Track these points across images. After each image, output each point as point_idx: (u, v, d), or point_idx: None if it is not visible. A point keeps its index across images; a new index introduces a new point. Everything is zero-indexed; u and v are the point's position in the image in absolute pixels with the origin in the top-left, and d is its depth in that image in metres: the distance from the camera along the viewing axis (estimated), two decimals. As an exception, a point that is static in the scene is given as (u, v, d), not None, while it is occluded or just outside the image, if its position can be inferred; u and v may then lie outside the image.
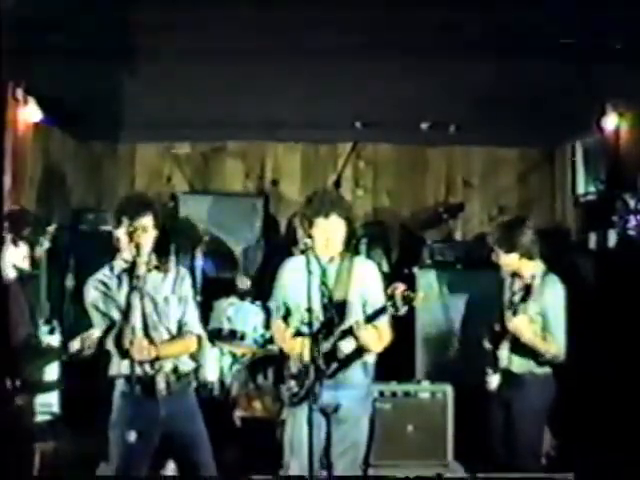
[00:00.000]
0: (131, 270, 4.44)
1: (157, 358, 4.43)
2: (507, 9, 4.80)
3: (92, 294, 4.58)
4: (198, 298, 6.23)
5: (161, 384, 4.48)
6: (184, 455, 4.58)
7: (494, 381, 5.10)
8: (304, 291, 4.46)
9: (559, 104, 6.48)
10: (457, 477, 5.99)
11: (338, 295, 4.60)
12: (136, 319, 4.39)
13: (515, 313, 4.91)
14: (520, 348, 5.00)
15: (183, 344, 4.63)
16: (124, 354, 4.36)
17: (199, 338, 4.69)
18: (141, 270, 4.42)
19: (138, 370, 4.40)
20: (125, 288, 4.46)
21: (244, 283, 7.14)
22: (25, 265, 4.53)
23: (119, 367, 4.48)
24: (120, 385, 4.52)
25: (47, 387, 4.47)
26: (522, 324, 4.90)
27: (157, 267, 4.61)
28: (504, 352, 5.04)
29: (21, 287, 4.40)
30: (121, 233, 4.52)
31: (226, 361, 6.79)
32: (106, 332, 4.47)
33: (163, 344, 4.51)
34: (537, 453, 5.19)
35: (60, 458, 5.67)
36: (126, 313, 4.37)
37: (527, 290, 4.91)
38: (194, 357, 4.77)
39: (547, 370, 5.06)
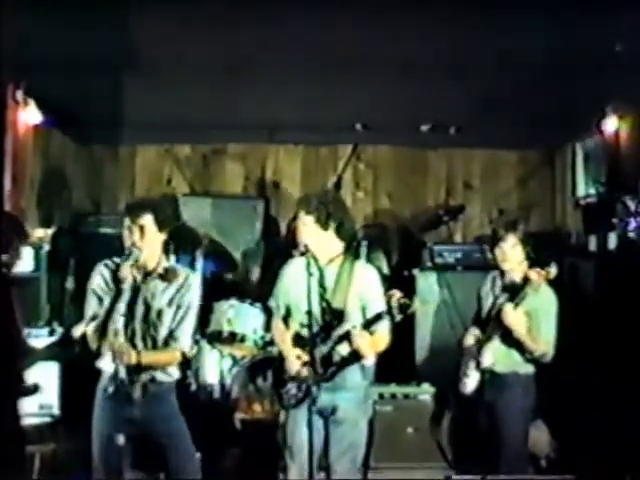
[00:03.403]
0: (115, 272, 4.41)
1: (138, 365, 4.38)
2: (507, 12, 4.79)
3: (95, 279, 4.56)
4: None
5: (137, 391, 4.44)
6: (163, 457, 4.54)
7: (470, 384, 5.11)
8: (304, 293, 4.47)
9: (559, 106, 6.48)
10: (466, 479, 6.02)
11: (337, 298, 4.60)
12: (118, 321, 4.34)
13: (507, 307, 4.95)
14: (506, 346, 5.02)
15: (166, 357, 4.56)
16: (100, 346, 4.34)
17: (183, 354, 4.61)
18: (124, 273, 4.36)
19: (120, 371, 4.37)
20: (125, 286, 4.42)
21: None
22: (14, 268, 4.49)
23: (103, 362, 4.47)
24: (102, 380, 4.52)
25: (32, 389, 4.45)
26: (516, 316, 4.92)
27: (161, 275, 4.56)
28: (489, 352, 5.04)
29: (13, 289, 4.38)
30: (124, 233, 4.51)
31: (226, 363, 6.79)
32: (91, 319, 4.41)
33: (146, 353, 4.45)
34: (523, 453, 5.19)
35: (60, 460, 5.68)
36: (109, 311, 4.33)
37: (515, 290, 4.96)
38: (182, 367, 4.72)
39: (530, 370, 5.07)
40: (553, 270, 5.02)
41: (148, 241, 4.49)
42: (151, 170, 8.30)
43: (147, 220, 4.48)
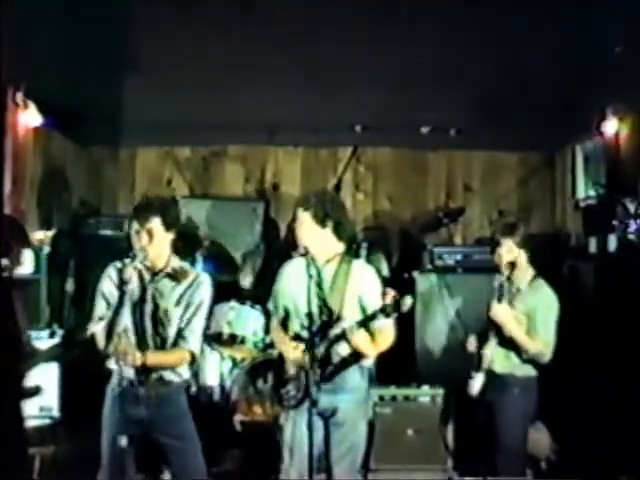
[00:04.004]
0: (120, 273, 4.42)
1: (144, 366, 4.38)
2: (507, 13, 4.80)
3: (104, 282, 4.57)
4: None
5: (147, 391, 4.45)
6: (172, 457, 4.55)
7: (476, 385, 5.11)
8: (302, 294, 4.46)
9: (559, 108, 6.48)
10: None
11: (334, 298, 4.59)
12: (126, 321, 4.37)
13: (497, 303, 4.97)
14: (504, 347, 5.02)
15: (174, 357, 4.55)
16: (107, 347, 4.33)
17: (193, 355, 4.59)
18: (128, 275, 4.36)
19: (126, 372, 4.40)
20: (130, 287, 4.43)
21: (247, 280, 7.16)
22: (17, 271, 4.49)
23: (112, 362, 4.47)
24: (112, 380, 4.52)
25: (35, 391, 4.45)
26: (504, 311, 4.93)
27: (170, 275, 4.56)
28: (488, 352, 5.05)
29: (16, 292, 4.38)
30: (132, 236, 4.52)
31: (226, 365, 6.80)
32: (99, 320, 4.40)
33: (152, 353, 4.45)
34: (521, 455, 5.19)
35: (60, 462, 5.68)
36: (115, 312, 4.34)
37: (514, 293, 4.97)
38: (190, 368, 4.71)
39: (530, 373, 5.07)
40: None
41: (157, 243, 4.49)
42: (151, 172, 8.31)
43: (155, 223, 4.47)
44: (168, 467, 4.68)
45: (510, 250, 5.12)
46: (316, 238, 4.62)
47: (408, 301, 4.40)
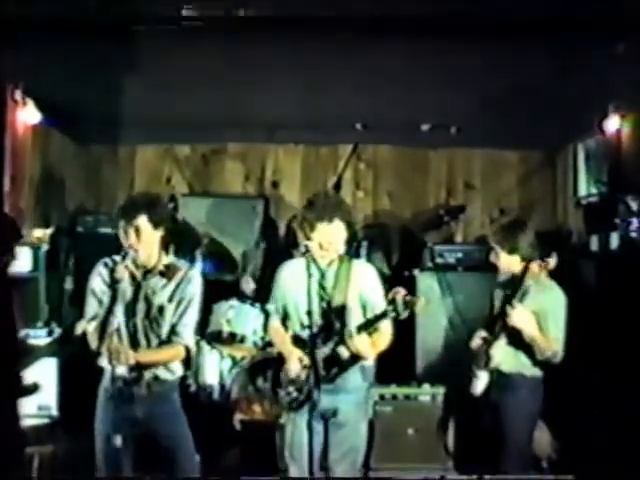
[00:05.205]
0: (112, 272, 4.42)
1: (138, 364, 4.37)
2: (508, 12, 4.79)
3: (94, 279, 4.57)
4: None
5: (140, 390, 4.45)
6: (165, 457, 4.54)
7: (480, 384, 5.07)
8: (303, 294, 4.45)
9: (561, 106, 6.46)
10: (462, 479, 6.00)
11: (337, 298, 4.59)
12: (119, 320, 4.34)
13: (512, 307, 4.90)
14: (514, 346, 4.98)
15: (167, 353, 4.56)
16: (100, 346, 4.31)
17: (187, 349, 4.59)
18: (120, 273, 4.35)
19: (120, 371, 4.36)
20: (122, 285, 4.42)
21: (249, 284, 7.13)
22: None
23: (104, 361, 4.44)
24: (104, 380, 4.51)
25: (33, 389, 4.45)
26: (523, 316, 4.87)
27: (162, 272, 4.56)
28: (497, 351, 5.00)
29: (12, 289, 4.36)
30: (120, 235, 4.51)
31: (226, 364, 6.78)
32: (91, 319, 4.43)
33: (145, 351, 4.46)
34: (526, 456, 5.16)
35: (59, 461, 5.66)
36: (108, 312, 4.32)
37: (523, 292, 4.93)
38: (184, 365, 4.70)
39: (538, 373, 5.04)
40: (552, 261, 4.99)
41: (145, 241, 4.49)
42: (150, 170, 8.29)
43: (142, 221, 4.47)
44: (162, 465, 4.66)
45: (505, 260, 5.09)
46: (341, 246, 4.64)
47: (421, 302, 4.39)
